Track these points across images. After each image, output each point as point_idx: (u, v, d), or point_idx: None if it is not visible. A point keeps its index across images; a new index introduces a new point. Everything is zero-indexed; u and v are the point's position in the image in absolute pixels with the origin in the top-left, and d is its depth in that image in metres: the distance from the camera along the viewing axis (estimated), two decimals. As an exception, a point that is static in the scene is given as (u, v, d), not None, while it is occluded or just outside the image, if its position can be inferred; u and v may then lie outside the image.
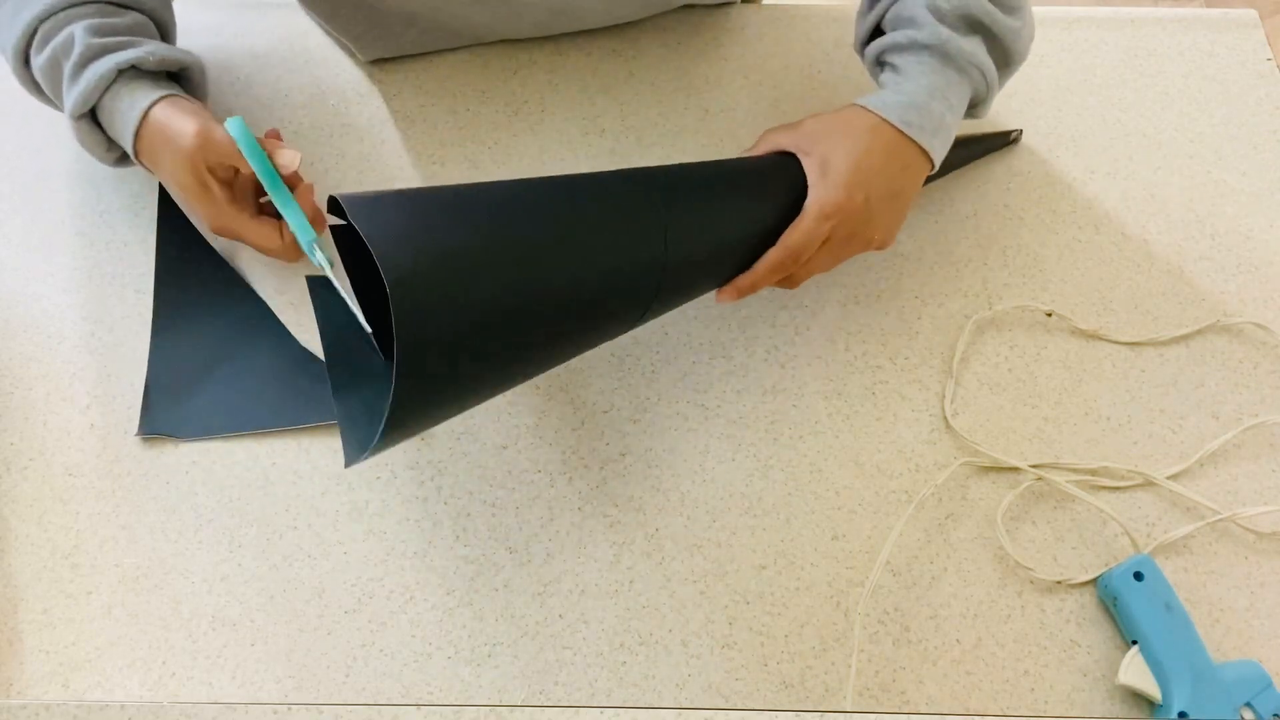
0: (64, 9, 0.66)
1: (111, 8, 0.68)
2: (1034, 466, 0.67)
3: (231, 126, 0.64)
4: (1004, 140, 0.79)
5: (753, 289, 0.65)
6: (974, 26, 0.66)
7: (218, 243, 0.74)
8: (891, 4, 0.68)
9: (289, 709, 0.56)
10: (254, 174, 0.65)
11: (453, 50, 0.84)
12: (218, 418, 0.68)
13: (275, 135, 0.70)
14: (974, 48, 0.65)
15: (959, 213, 0.77)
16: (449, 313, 0.53)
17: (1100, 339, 0.72)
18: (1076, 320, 0.72)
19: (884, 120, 0.64)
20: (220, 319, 0.70)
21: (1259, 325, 0.72)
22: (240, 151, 0.64)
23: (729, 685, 0.61)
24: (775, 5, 0.88)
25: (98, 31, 0.66)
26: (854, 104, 0.66)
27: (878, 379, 0.71)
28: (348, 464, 0.58)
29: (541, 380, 0.70)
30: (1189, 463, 0.67)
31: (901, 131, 0.64)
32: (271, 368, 0.69)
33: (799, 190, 0.64)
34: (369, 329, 0.63)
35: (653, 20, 0.86)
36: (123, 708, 0.55)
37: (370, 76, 0.83)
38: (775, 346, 0.72)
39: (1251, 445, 0.68)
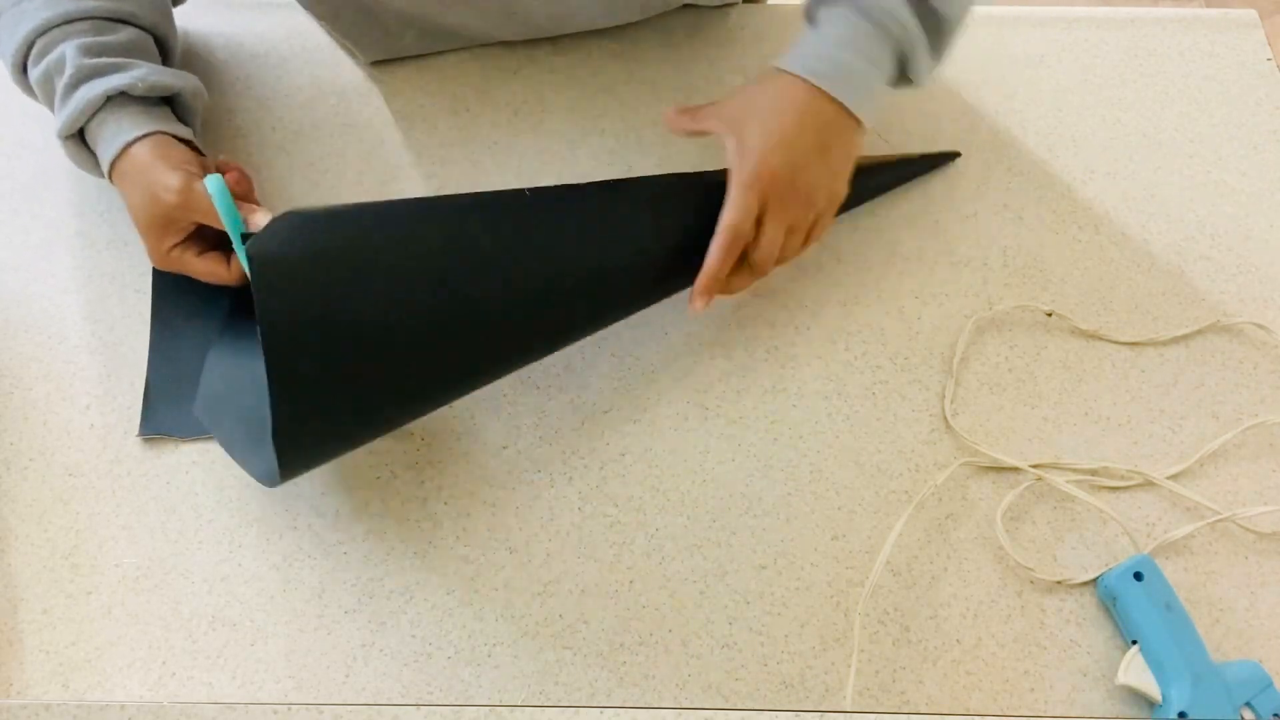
0: (59, 25, 0.66)
1: (108, 24, 0.68)
2: (1034, 466, 0.67)
3: (211, 186, 0.63)
4: (945, 159, 0.79)
5: (716, 284, 0.64)
6: None
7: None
8: None
9: (289, 709, 0.56)
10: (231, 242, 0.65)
11: (453, 50, 0.84)
12: None
13: (229, 167, 0.69)
14: (893, 3, 0.63)
15: (959, 213, 0.77)
16: (311, 301, 0.55)
17: (1100, 339, 0.72)
18: (1076, 320, 0.72)
19: (793, 76, 0.63)
20: (218, 318, 0.70)
21: (1259, 325, 0.72)
22: (214, 210, 0.64)
23: (729, 685, 0.61)
24: (775, 5, 0.88)
25: (90, 51, 0.66)
26: (770, 66, 0.65)
27: (878, 379, 0.71)
28: (269, 482, 0.60)
29: (541, 380, 0.70)
30: (1189, 463, 0.67)
31: (810, 83, 0.63)
32: None
33: (718, 184, 0.64)
34: None
35: (653, 20, 0.86)
36: (123, 708, 0.55)
37: (370, 76, 0.83)
38: (775, 346, 0.72)
39: (1251, 445, 0.68)
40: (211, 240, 0.68)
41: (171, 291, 0.72)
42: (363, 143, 0.80)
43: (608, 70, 0.84)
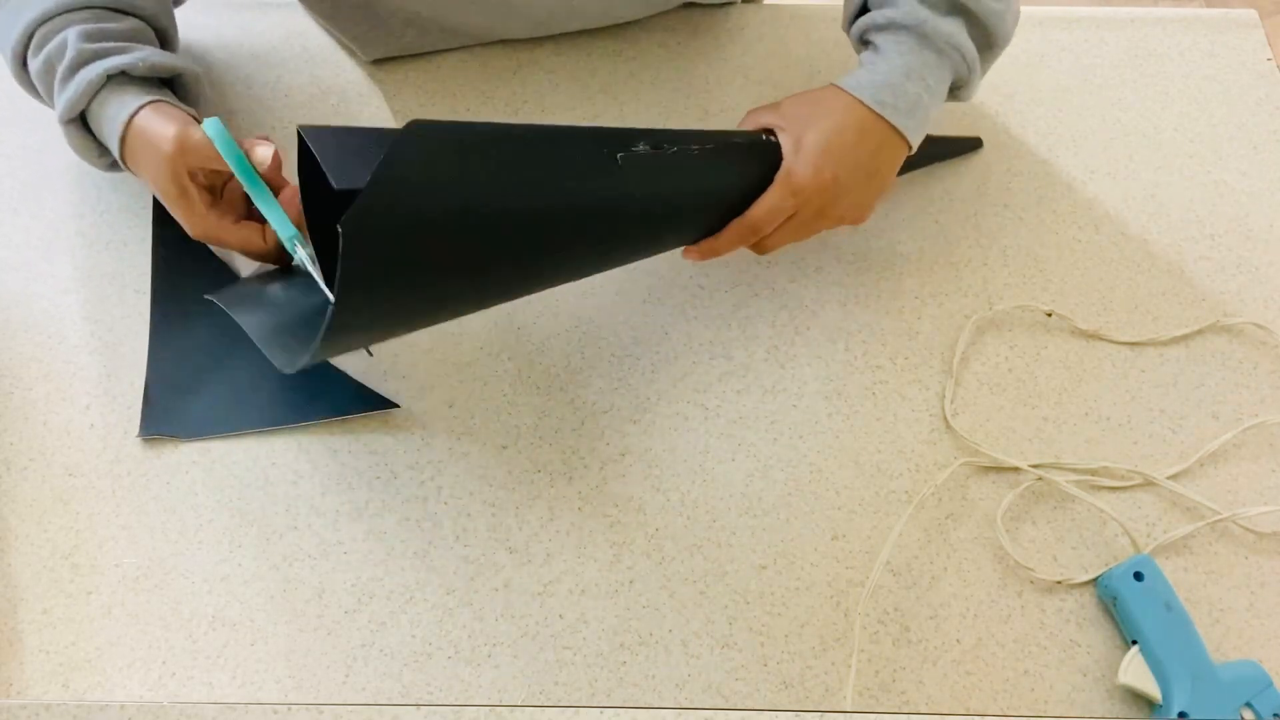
0: (61, 13, 0.66)
1: (109, 13, 0.68)
2: (1034, 466, 0.67)
3: (209, 127, 0.63)
4: (969, 145, 0.79)
5: (714, 254, 0.66)
6: (955, 7, 0.65)
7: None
8: None
9: (289, 709, 0.56)
10: (239, 184, 0.64)
11: (453, 50, 0.84)
12: (219, 417, 0.68)
13: (263, 138, 0.68)
14: (954, 29, 0.65)
15: (959, 213, 0.77)
16: (394, 203, 0.53)
17: (1100, 339, 0.72)
18: (1076, 320, 0.72)
19: (857, 100, 0.64)
20: (218, 318, 0.69)
21: (1259, 325, 0.72)
22: (218, 153, 0.63)
23: (729, 685, 0.61)
24: (775, 5, 0.88)
25: (91, 37, 0.66)
26: (832, 84, 0.66)
27: (878, 379, 0.71)
28: (286, 368, 0.59)
29: (541, 380, 0.70)
30: (1189, 463, 0.67)
31: (875, 111, 0.64)
32: (271, 366, 0.70)
33: (773, 166, 0.64)
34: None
35: (653, 20, 0.86)
36: (123, 708, 0.55)
37: (370, 76, 0.83)
38: (775, 346, 0.72)
39: (1251, 445, 0.68)
40: (244, 212, 0.67)
41: (169, 293, 0.72)
42: (363, 143, 0.80)
43: (608, 70, 0.84)
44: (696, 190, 0.64)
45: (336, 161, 0.54)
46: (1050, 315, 0.72)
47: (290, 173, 0.65)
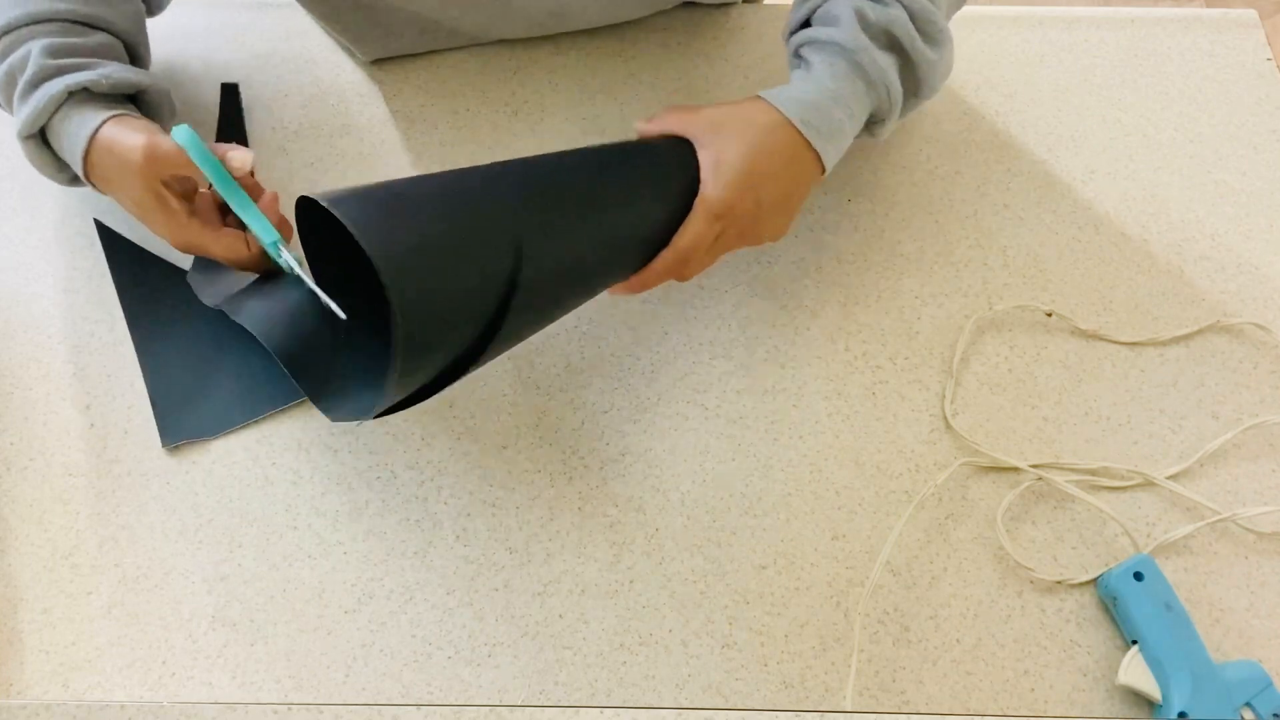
0: (27, 24, 0.64)
1: (77, 27, 0.66)
2: (1034, 466, 0.67)
3: (179, 135, 0.61)
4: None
5: (644, 288, 0.65)
6: (892, 45, 0.65)
7: (171, 251, 0.73)
8: (824, 1, 0.66)
9: (289, 709, 0.56)
10: (213, 191, 0.63)
11: (453, 50, 0.84)
12: (235, 407, 0.68)
13: (232, 145, 0.66)
14: (887, 64, 0.64)
15: (959, 213, 0.77)
16: (437, 290, 0.55)
17: (1100, 339, 0.72)
18: (1076, 320, 0.72)
19: (783, 118, 0.63)
20: (199, 321, 0.69)
21: (1259, 325, 0.72)
22: (191, 160, 0.62)
23: (729, 685, 0.61)
24: (775, 5, 0.88)
25: (55, 52, 0.64)
26: (758, 95, 0.65)
27: (878, 379, 0.71)
28: (337, 419, 0.61)
29: (541, 380, 0.70)
30: (1189, 463, 0.67)
31: (798, 131, 0.63)
32: (268, 352, 0.69)
33: (691, 179, 0.63)
34: (343, 315, 0.61)
35: (653, 20, 0.86)
36: (123, 708, 0.55)
37: (370, 76, 0.83)
38: (775, 346, 0.72)
39: (1251, 445, 0.68)
40: (221, 220, 0.66)
41: (142, 314, 0.72)
42: (363, 143, 0.80)
43: (607, 70, 0.84)
44: (628, 229, 0.63)
45: (363, 223, 0.54)
46: (1050, 315, 0.72)
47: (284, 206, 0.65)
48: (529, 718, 0.55)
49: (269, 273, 0.66)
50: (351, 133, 0.80)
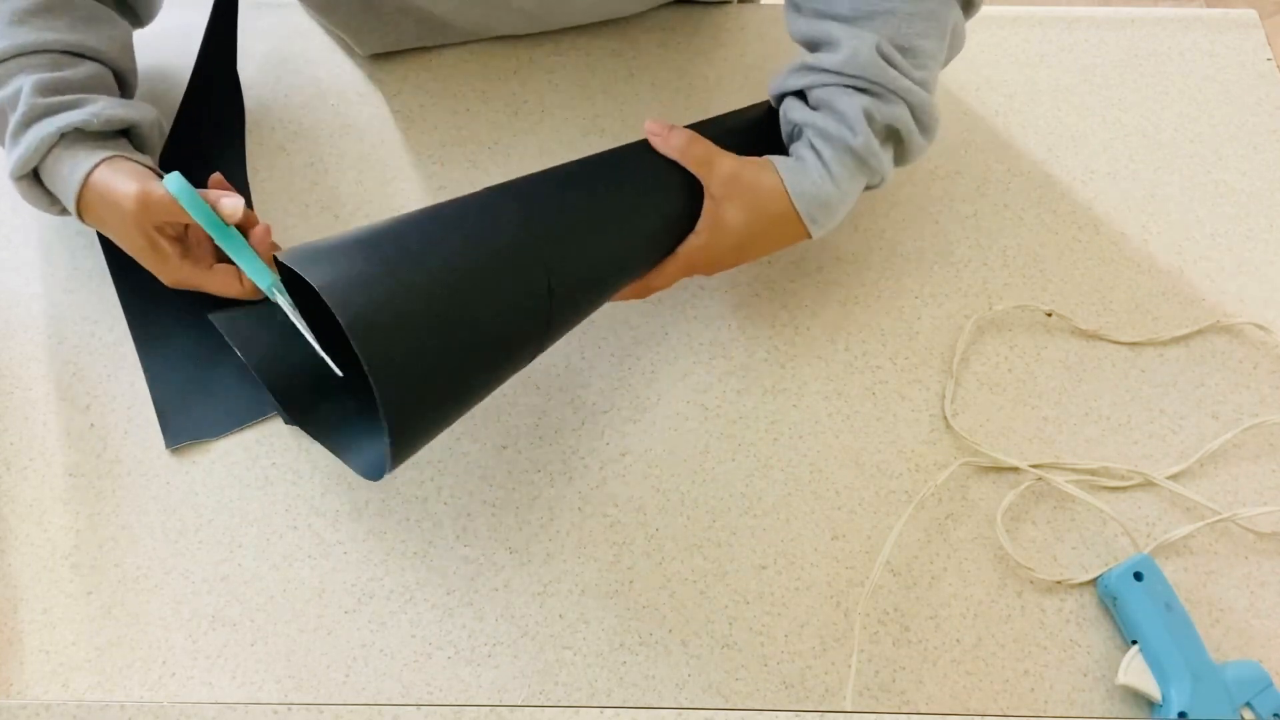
0: (16, 56, 0.64)
1: (67, 58, 0.66)
2: (1034, 466, 0.67)
3: (170, 183, 0.62)
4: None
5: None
6: (891, 136, 0.65)
7: None
8: (824, 83, 0.65)
9: (289, 709, 0.56)
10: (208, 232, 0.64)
11: (453, 49, 0.84)
12: (238, 408, 0.68)
13: (220, 184, 0.67)
14: (886, 157, 0.65)
15: (959, 213, 0.77)
16: (413, 344, 0.55)
17: (1100, 339, 0.72)
18: (1076, 320, 0.72)
19: (794, 211, 0.65)
20: (200, 322, 0.69)
21: (1259, 325, 0.72)
22: (182, 208, 0.63)
23: (729, 685, 0.61)
24: (775, 5, 0.88)
25: (45, 89, 0.64)
26: (775, 172, 0.64)
27: (878, 379, 0.71)
28: (368, 475, 0.61)
29: (542, 380, 0.70)
30: (1189, 463, 0.67)
31: (803, 222, 0.65)
32: None
33: (693, 210, 0.65)
34: (333, 363, 0.62)
35: (652, 20, 0.86)
36: (123, 708, 0.55)
37: (370, 76, 0.83)
38: (775, 346, 0.72)
39: (1251, 445, 0.68)
40: (215, 256, 0.67)
41: (143, 317, 0.72)
42: (363, 143, 0.80)
43: (607, 70, 0.84)
44: (635, 238, 0.65)
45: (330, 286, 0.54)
46: (1050, 315, 0.72)
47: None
48: (529, 718, 0.55)
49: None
50: (351, 133, 0.80)
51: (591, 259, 0.62)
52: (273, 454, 0.67)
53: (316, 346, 0.61)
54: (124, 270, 0.73)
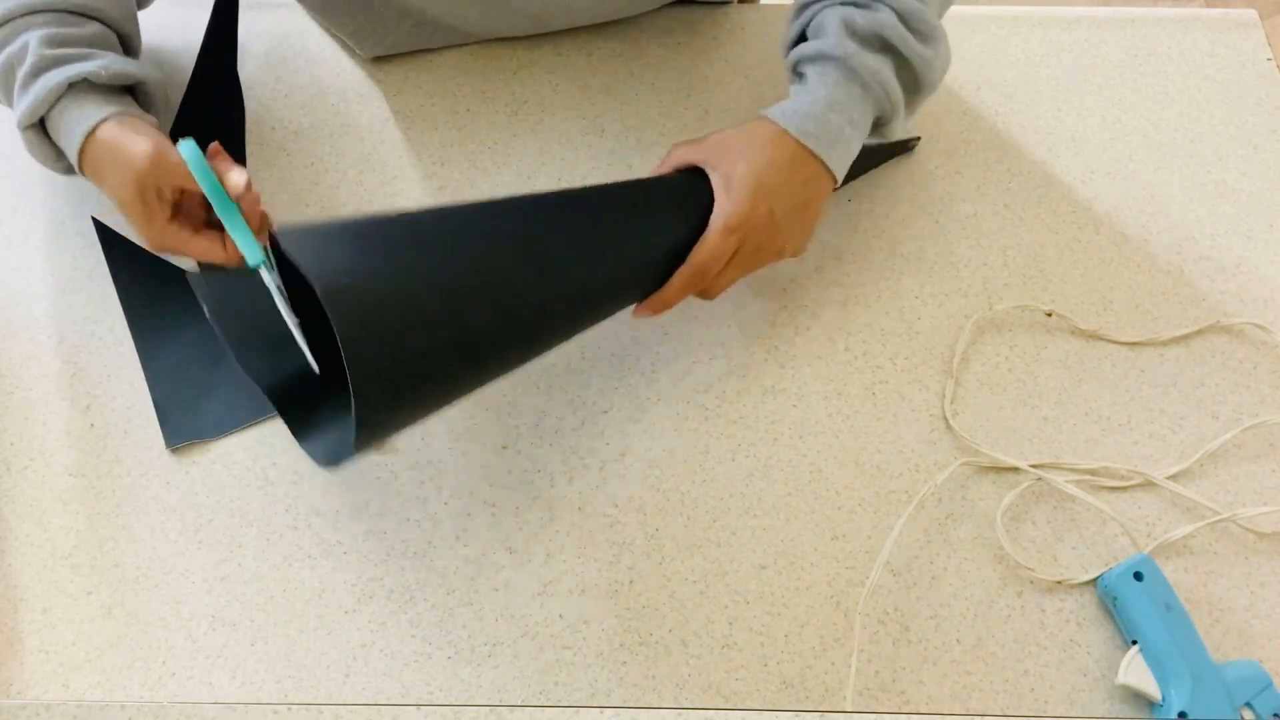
0: (22, 15, 0.65)
1: (72, 17, 0.67)
2: (1034, 466, 0.67)
3: (185, 149, 0.62)
4: (903, 148, 0.79)
5: (666, 306, 0.66)
6: (884, 46, 0.65)
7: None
8: (816, 13, 0.68)
9: (289, 709, 0.56)
10: (200, 192, 0.63)
11: (453, 50, 0.84)
12: (237, 408, 0.68)
13: (218, 152, 0.67)
14: (880, 65, 0.65)
15: (959, 213, 0.77)
16: (389, 336, 0.55)
17: (1100, 339, 0.72)
18: (1076, 320, 0.72)
19: (782, 130, 0.64)
20: (200, 321, 0.69)
21: (1259, 325, 0.72)
22: (192, 174, 0.62)
23: (729, 685, 0.61)
24: (775, 5, 0.88)
25: (53, 42, 0.65)
26: (759, 114, 0.66)
27: (878, 379, 0.71)
28: (323, 462, 0.61)
29: (541, 380, 0.70)
30: (1189, 463, 0.67)
31: (798, 141, 0.64)
32: None
33: (706, 206, 0.64)
34: (308, 351, 0.62)
35: (653, 20, 0.86)
36: (123, 708, 0.55)
37: (371, 76, 0.83)
38: (775, 346, 0.72)
39: (1251, 445, 0.68)
40: (204, 219, 0.66)
41: (143, 315, 0.72)
42: (363, 143, 0.80)
43: (608, 70, 0.84)
44: (637, 257, 0.64)
45: (315, 260, 0.54)
46: (1050, 315, 0.72)
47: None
48: (529, 718, 0.55)
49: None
50: (351, 133, 0.80)
51: (591, 284, 0.62)
52: (273, 454, 0.67)
53: (297, 332, 0.61)
54: (124, 267, 0.73)
